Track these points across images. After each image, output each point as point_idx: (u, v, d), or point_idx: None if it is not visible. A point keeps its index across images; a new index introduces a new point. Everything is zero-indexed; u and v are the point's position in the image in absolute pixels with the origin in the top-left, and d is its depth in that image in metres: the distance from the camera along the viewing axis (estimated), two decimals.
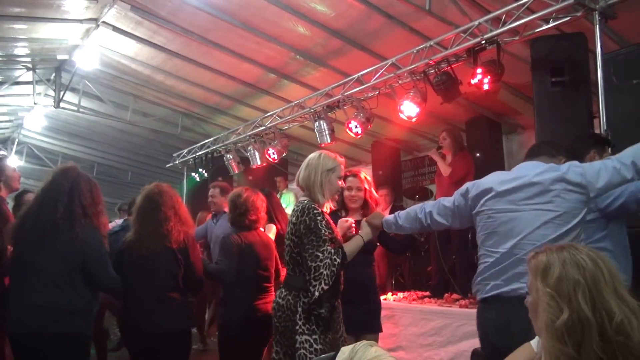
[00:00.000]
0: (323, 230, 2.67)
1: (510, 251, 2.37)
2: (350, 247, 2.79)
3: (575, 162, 2.47)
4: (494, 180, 2.54)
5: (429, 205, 2.79)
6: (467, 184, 2.66)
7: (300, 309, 2.66)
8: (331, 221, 2.82)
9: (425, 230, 3.18)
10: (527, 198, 2.40)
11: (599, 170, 2.36)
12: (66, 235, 2.84)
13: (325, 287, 2.58)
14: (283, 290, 2.82)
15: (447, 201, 2.71)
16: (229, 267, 3.57)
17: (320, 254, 2.62)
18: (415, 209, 2.82)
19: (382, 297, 3.86)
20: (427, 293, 5.40)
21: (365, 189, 3.50)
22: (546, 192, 2.37)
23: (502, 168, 5.89)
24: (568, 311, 1.49)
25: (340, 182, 2.91)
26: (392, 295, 5.60)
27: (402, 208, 4.91)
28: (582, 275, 1.52)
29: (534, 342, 1.80)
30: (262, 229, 3.88)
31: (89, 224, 2.96)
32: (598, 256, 1.58)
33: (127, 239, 3.24)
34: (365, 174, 3.61)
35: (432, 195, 6.87)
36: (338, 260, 2.62)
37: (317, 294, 2.59)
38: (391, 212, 4.13)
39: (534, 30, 4.39)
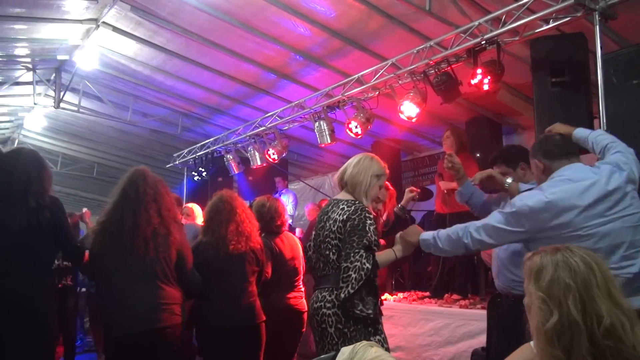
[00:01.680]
0: (369, 235, 2.64)
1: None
2: (382, 258, 2.74)
3: (620, 158, 2.45)
4: (570, 194, 2.26)
5: (473, 229, 2.44)
6: (525, 203, 2.30)
7: (338, 310, 2.63)
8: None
9: (468, 253, 3.16)
10: (612, 207, 2.26)
11: (633, 162, 2.43)
12: (164, 239, 3.03)
13: (351, 291, 2.55)
14: (319, 294, 2.75)
15: (496, 221, 2.38)
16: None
17: (353, 256, 2.60)
18: (458, 231, 2.50)
19: (382, 298, 3.87)
20: (427, 293, 5.40)
21: (386, 202, 3.61)
22: (625, 196, 2.30)
23: None
24: (558, 315, 1.50)
25: (379, 193, 2.93)
26: (391, 295, 5.60)
27: None
28: (573, 279, 1.52)
29: (534, 343, 1.80)
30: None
31: (181, 227, 3.33)
32: (593, 259, 1.57)
33: (206, 239, 3.54)
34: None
35: (432, 195, 6.87)
36: (368, 265, 2.58)
37: (342, 295, 2.57)
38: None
39: (534, 30, 4.40)
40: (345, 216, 2.69)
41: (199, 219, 5.86)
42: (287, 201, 8.24)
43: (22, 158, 3.15)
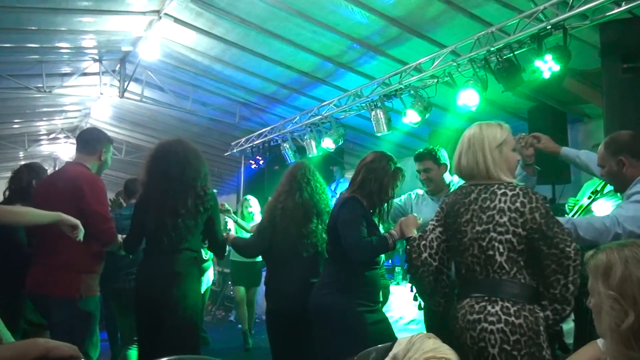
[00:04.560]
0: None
1: None
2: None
3: None
4: None
5: (622, 219, 2.40)
6: None
7: (542, 329, 2.08)
8: None
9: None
10: None
11: None
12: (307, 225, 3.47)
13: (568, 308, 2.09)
14: (474, 304, 2.15)
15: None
16: None
17: (569, 247, 2.09)
18: (603, 221, 2.43)
19: None
20: None
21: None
22: None
23: None
24: (634, 314, 1.42)
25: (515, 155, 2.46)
26: None
27: None
28: None
29: (601, 341, 1.72)
30: None
31: None
32: None
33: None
34: None
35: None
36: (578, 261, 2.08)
37: (564, 315, 2.09)
38: None
39: (605, 14, 4.17)
40: (524, 207, 2.15)
41: None
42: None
43: (192, 150, 3.52)
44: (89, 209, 3.06)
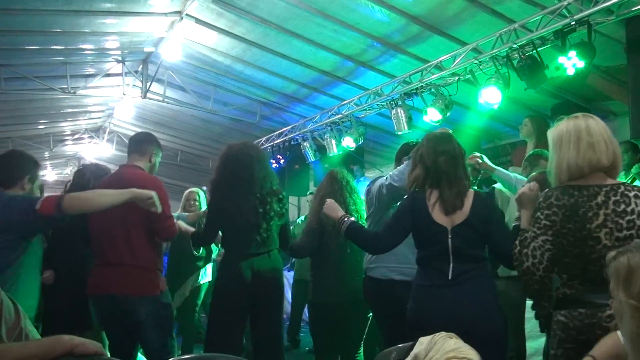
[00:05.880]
0: None
1: None
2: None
3: None
4: None
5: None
6: None
7: None
8: None
9: None
10: None
11: None
12: None
13: None
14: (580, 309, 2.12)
15: None
16: None
17: None
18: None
19: None
20: None
21: None
22: None
23: None
24: None
25: None
26: None
27: None
28: None
29: (629, 351, 1.68)
30: None
31: None
32: None
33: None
34: None
35: None
36: None
37: None
38: None
39: (630, 9, 4.09)
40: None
41: None
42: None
43: (262, 154, 3.75)
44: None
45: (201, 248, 4.99)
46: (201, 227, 4.18)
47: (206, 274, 5.36)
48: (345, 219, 2.87)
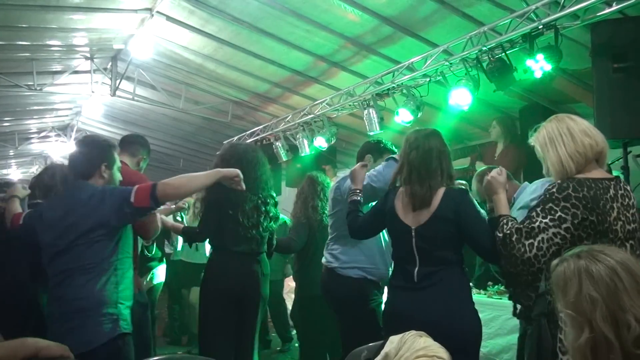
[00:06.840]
0: None
1: None
2: None
3: None
4: None
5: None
6: None
7: None
8: None
9: None
10: None
11: None
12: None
13: None
14: None
15: None
16: None
17: None
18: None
19: None
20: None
21: None
22: None
23: None
24: (588, 332, 1.40)
25: None
26: None
27: None
28: (597, 290, 1.40)
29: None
30: None
31: None
32: (620, 260, 1.44)
33: None
34: None
35: None
36: None
37: None
38: None
39: (595, 14, 4.19)
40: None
41: None
42: None
43: (265, 157, 3.90)
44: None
45: (154, 248, 4.92)
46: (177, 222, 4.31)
47: (158, 275, 5.27)
48: (358, 191, 3.09)
